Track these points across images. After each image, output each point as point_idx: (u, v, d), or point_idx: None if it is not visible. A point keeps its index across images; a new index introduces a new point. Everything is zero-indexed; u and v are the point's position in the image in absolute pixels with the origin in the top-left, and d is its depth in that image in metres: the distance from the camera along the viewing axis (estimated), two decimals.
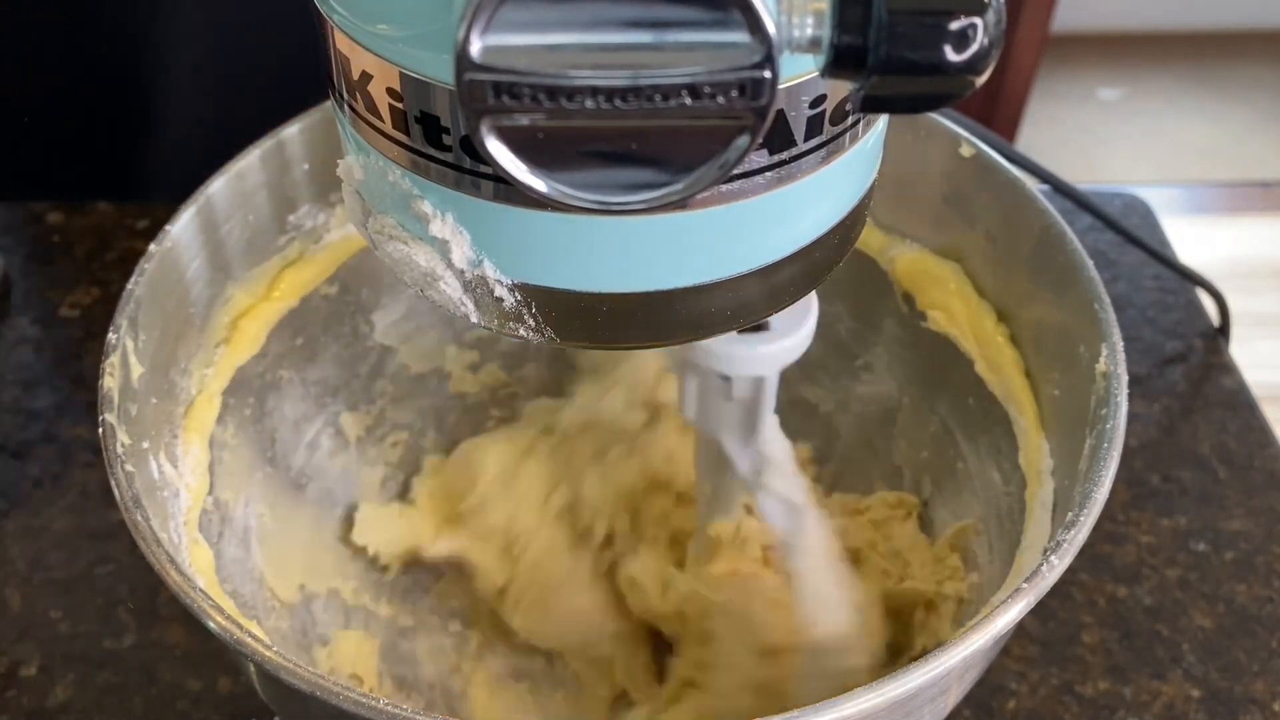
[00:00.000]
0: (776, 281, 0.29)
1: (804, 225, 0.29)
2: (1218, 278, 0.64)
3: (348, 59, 0.27)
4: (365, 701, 0.28)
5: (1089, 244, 0.42)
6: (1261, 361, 1.53)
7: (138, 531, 0.32)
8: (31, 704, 0.48)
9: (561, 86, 0.21)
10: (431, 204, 0.28)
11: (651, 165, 0.23)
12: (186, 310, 0.42)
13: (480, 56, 0.21)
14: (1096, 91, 2.12)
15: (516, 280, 0.28)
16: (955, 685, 0.35)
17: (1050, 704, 0.49)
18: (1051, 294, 0.41)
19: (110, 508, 0.55)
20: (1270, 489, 0.57)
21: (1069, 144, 2.00)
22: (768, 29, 0.21)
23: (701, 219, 0.27)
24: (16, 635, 0.51)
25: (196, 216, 0.42)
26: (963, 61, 0.22)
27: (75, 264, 0.67)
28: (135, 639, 0.51)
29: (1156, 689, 0.49)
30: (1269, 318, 1.64)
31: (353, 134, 0.29)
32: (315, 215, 0.47)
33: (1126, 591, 0.53)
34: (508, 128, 0.22)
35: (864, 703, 0.28)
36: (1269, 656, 0.51)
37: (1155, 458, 0.58)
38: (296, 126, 0.45)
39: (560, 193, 0.23)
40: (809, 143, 0.27)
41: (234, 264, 0.44)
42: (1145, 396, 0.61)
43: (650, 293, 0.28)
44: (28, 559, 0.54)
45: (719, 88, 0.21)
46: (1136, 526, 0.55)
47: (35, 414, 0.60)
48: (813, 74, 0.25)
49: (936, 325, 0.46)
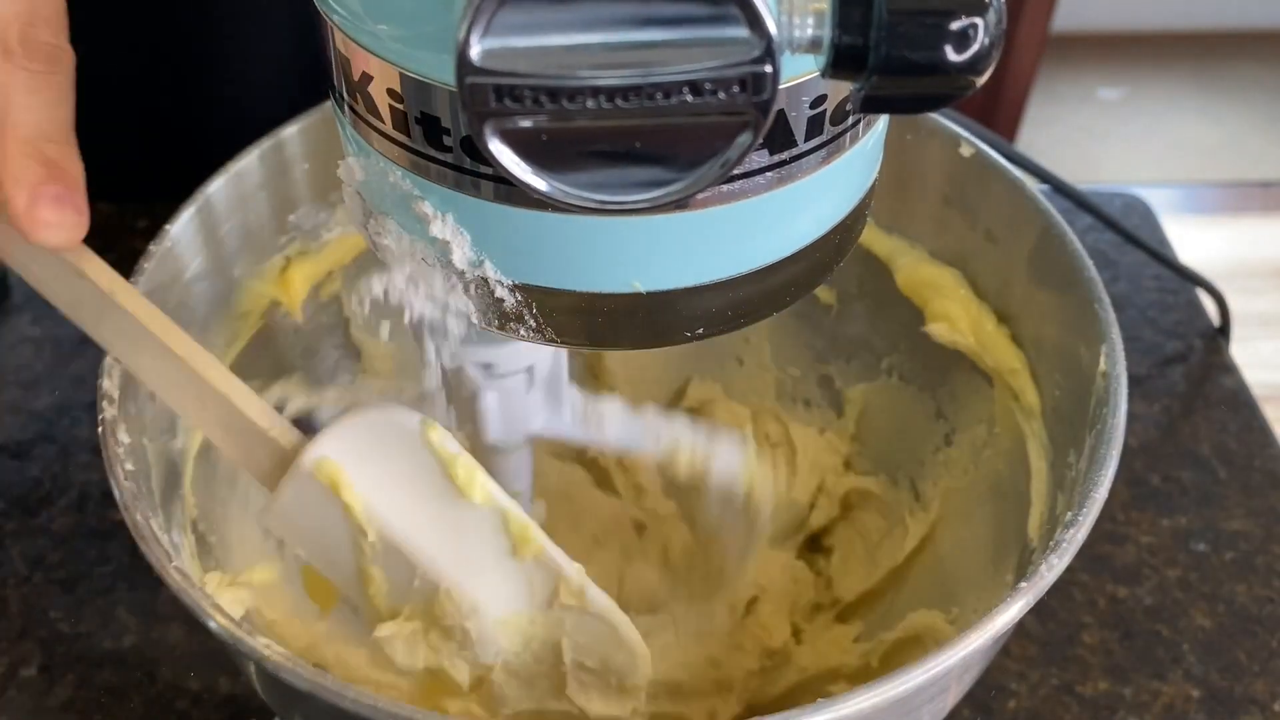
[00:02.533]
0: (777, 281, 0.30)
1: (804, 225, 0.29)
2: (1218, 278, 0.64)
3: (348, 60, 0.27)
4: (365, 700, 0.28)
5: (1089, 244, 0.42)
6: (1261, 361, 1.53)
7: (138, 531, 0.33)
8: (31, 704, 0.48)
9: (563, 87, 0.21)
10: (432, 205, 0.28)
11: (653, 164, 0.23)
12: (187, 310, 0.42)
13: (481, 60, 0.21)
14: (1096, 91, 2.12)
15: (517, 281, 0.28)
16: (955, 684, 0.35)
17: (1050, 704, 0.49)
18: (1051, 294, 0.42)
19: (110, 508, 0.55)
20: (1270, 489, 0.57)
21: (1069, 144, 2.00)
22: (766, 23, 0.21)
23: (702, 219, 0.27)
24: (16, 635, 0.51)
25: (196, 216, 0.42)
26: (963, 61, 0.22)
27: None
28: (135, 639, 0.51)
29: (1156, 689, 0.49)
30: (1269, 318, 1.64)
31: (353, 135, 0.29)
32: (315, 215, 0.47)
33: (1126, 591, 0.53)
34: (510, 130, 0.22)
35: (863, 702, 0.28)
36: (1269, 656, 0.51)
37: (1155, 458, 0.58)
38: (296, 126, 0.45)
39: (562, 193, 0.23)
40: (809, 143, 0.27)
41: (234, 264, 0.44)
42: (1145, 396, 0.61)
43: (651, 293, 0.28)
44: (28, 559, 0.54)
45: (720, 84, 0.22)
46: (1136, 526, 0.55)
47: (35, 414, 0.60)
48: (813, 74, 0.25)
49: (940, 337, 0.46)
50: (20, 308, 0.65)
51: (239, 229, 0.44)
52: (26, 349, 0.63)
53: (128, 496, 0.33)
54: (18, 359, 0.63)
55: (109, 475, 0.34)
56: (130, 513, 0.33)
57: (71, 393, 0.61)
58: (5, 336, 0.64)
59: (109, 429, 0.35)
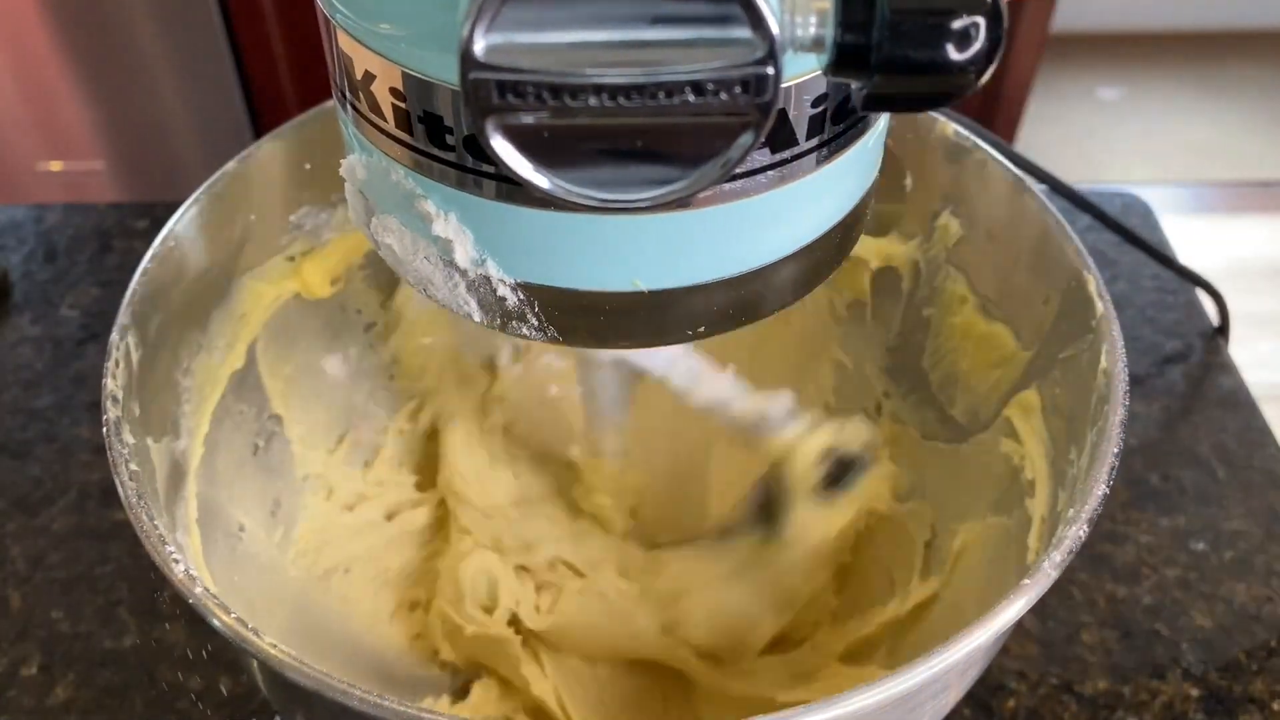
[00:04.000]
0: (778, 280, 0.30)
1: (805, 224, 0.29)
2: (1217, 278, 0.64)
3: (351, 59, 0.27)
4: (370, 699, 0.28)
5: (1089, 244, 0.42)
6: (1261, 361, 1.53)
7: (142, 530, 0.33)
8: (31, 704, 0.48)
9: (566, 85, 0.21)
10: (434, 203, 0.28)
11: (655, 163, 0.23)
12: (189, 310, 0.42)
13: (485, 56, 0.21)
14: (1096, 91, 2.12)
15: (519, 279, 0.28)
16: (956, 683, 0.35)
17: (1050, 703, 0.49)
18: (1052, 293, 0.42)
19: (110, 508, 0.55)
20: (1269, 489, 0.57)
21: (1069, 144, 2.00)
22: (769, 24, 0.21)
23: (703, 218, 0.27)
24: (16, 635, 0.51)
25: (198, 216, 0.42)
26: (965, 60, 0.22)
27: (75, 264, 0.68)
28: (135, 639, 0.51)
29: (1156, 688, 0.50)
30: (1269, 318, 1.64)
31: (356, 133, 0.29)
32: (316, 214, 0.47)
33: (1126, 591, 0.53)
34: (513, 126, 0.22)
35: (865, 700, 0.28)
36: (1268, 656, 0.51)
37: (1155, 458, 0.58)
38: (298, 125, 0.45)
39: (564, 190, 0.23)
40: (810, 142, 0.27)
41: (235, 264, 0.44)
42: (1145, 396, 0.61)
43: (653, 292, 0.28)
44: (28, 559, 0.54)
45: (723, 84, 0.22)
46: (1136, 526, 0.55)
47: (35, 414, 0.60)
48: (815, 73, 0.25)
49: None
50: (20, 308, 0.65)
51: (241, 228, 0.44)
52: (26, 349, 0.63)
53: (132, 497, 0.33)
54: (18, 359, 0.63)
55: (114, 475, 0.34)
56: (134, 511, 0.33)
57: (71, 393, 0.61)
58: (5, 336, 0.64)
59: (113, 429, 0.35)
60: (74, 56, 1.29)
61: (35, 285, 0.67)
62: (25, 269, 0.68)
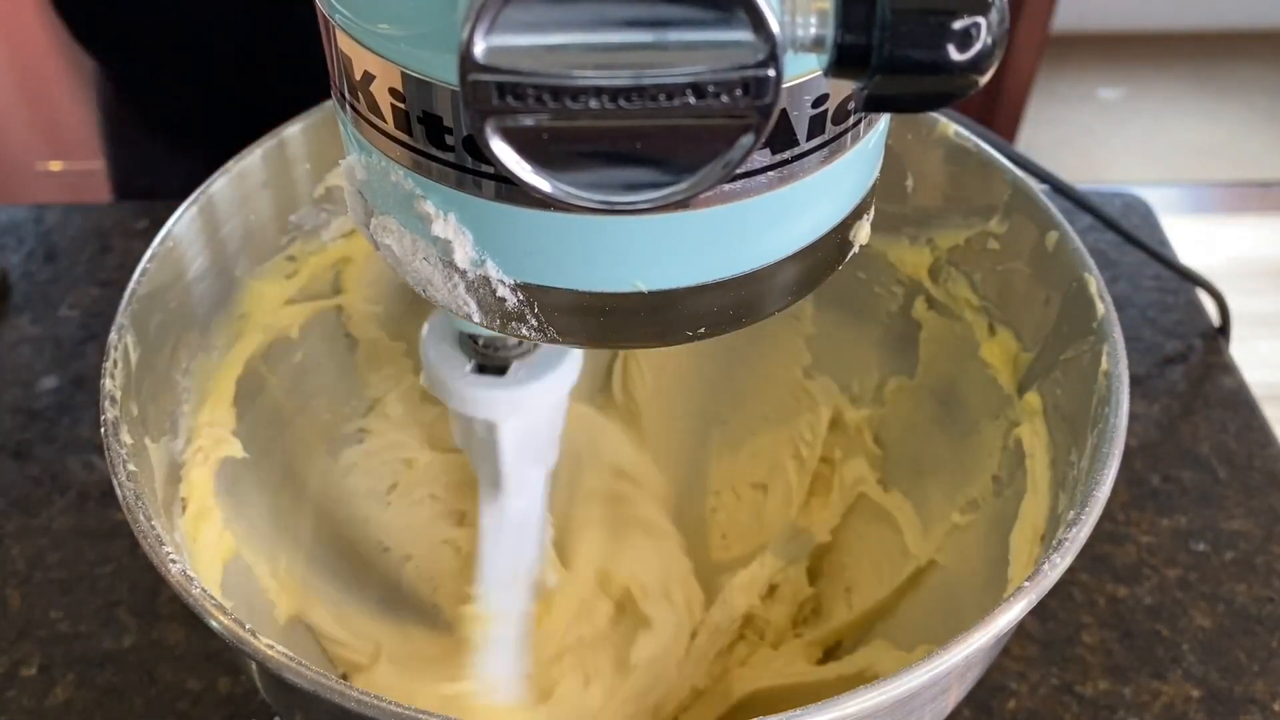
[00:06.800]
0: (779, 281, 0.30)
1: (806, 225, 0.29)
2: (1218, 278, 0.64)
3: (350, 59, 0.27)
4: (368, 700, 0.28)
5: (1089, 244, 0.42)
6: (1261, 361, 1.53)
7: (140, 531, 0.32)
8: (31, 704, 0.48)
9: (566, 87, 0.21)
10: (434, 204, 0.28)
11: (655, 165, 0.23)
12: (188, 310, 0.42)
13: (484, 57, 0.21)
14: (1096, 91, 2.12)
15: (519, 280, 0.28)
16: (956, 685, 0.35)
17: (1050, 704, 0.49)
18: (1053, 293, 0.42)
19: (110, 508, 0.55)
20: (1270, 489, 0.57)
21: (1069, 144, 2.00)
22: (771, 27, 0.21)
23: (704, 219, 0.27)
24: (16, 635, 0.51)
25: (198, 216, 0.42)
26: (966, 61, 0.22)
27: (75, 264, 0.68)
28: (135, 639, 0.51)
29: (1156, 689, 0.49)
30: (1269, 318, 1.64)
31: (355, 134, 0.29)
32: (316, 215, 0.47)
33: (1126, 591, 0.53)
34: (512, 128, 0.22)
35: (864, 701, 0.28)
36: (1269, 656, 0.51)
37: (1155, 458, 0.58)
38: (298, 126, 0.45)
39: (564, 193, 0.23)
40: (811, 142, 0.27)
41: (235, 264, 0.44)
42: (1145, 396, 0.61)
43: (652, 293, 0.28)
44: (28, 559, 0.54)
45: (723, 87, 0.21)
46: (1136, 526, 0.55)
47: (35, 414, 0.60)
48: (815, 73, 0.25)
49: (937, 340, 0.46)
50: (20, 308, 0.65)
51: (240, 228, 0.44)
52: (26, 349, 0.63)
53: (130, 497, 0.33)
54: (18, 359, 0.63)
55: (111, 476, 0.34)
56: (132, 512, 0.33)
57: (71, 393, 0.61)
58: (5, 336, 0.64)
59: (111, 429, 0.35)
60: (74, 56, 1.29)
61: (35, 285, 0.67)
62: (25, 269, 0.67)
